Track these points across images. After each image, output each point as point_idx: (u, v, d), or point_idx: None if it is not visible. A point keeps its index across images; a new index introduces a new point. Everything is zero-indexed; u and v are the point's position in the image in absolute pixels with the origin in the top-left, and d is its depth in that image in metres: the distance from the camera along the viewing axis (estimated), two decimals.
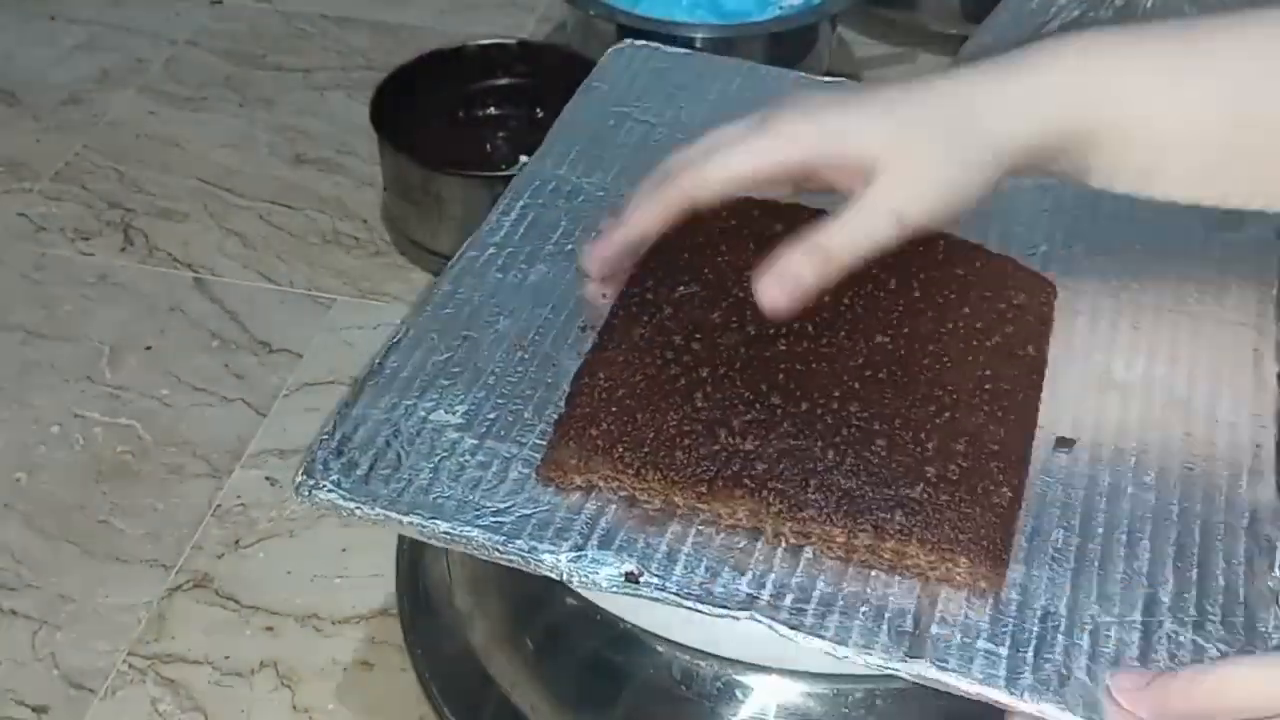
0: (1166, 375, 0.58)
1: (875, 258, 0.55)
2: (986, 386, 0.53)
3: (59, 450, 0.84)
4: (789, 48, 1.03)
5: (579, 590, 0.51)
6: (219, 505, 0.80)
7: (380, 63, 1.16)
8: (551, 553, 0.50)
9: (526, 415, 0.55)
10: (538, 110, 1.04)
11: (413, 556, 0.71)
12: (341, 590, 0.76)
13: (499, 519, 0.51)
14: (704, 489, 0.50)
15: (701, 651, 0.55)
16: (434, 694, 0.65)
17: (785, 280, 0.50)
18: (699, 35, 1.00)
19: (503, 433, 0.54)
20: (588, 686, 0.59)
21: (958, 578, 0.49)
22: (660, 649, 0.56)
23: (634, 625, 0.55)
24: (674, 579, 0.49)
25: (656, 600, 0.49)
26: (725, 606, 0.48)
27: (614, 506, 0.51)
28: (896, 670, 0.47)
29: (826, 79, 0.77)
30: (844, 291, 0.55)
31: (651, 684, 0.56)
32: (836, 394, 0.52)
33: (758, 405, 0.52)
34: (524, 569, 0.50)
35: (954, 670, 0.47)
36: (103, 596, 0.75)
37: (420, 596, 0.69)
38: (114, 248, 1.00)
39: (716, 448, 0.51)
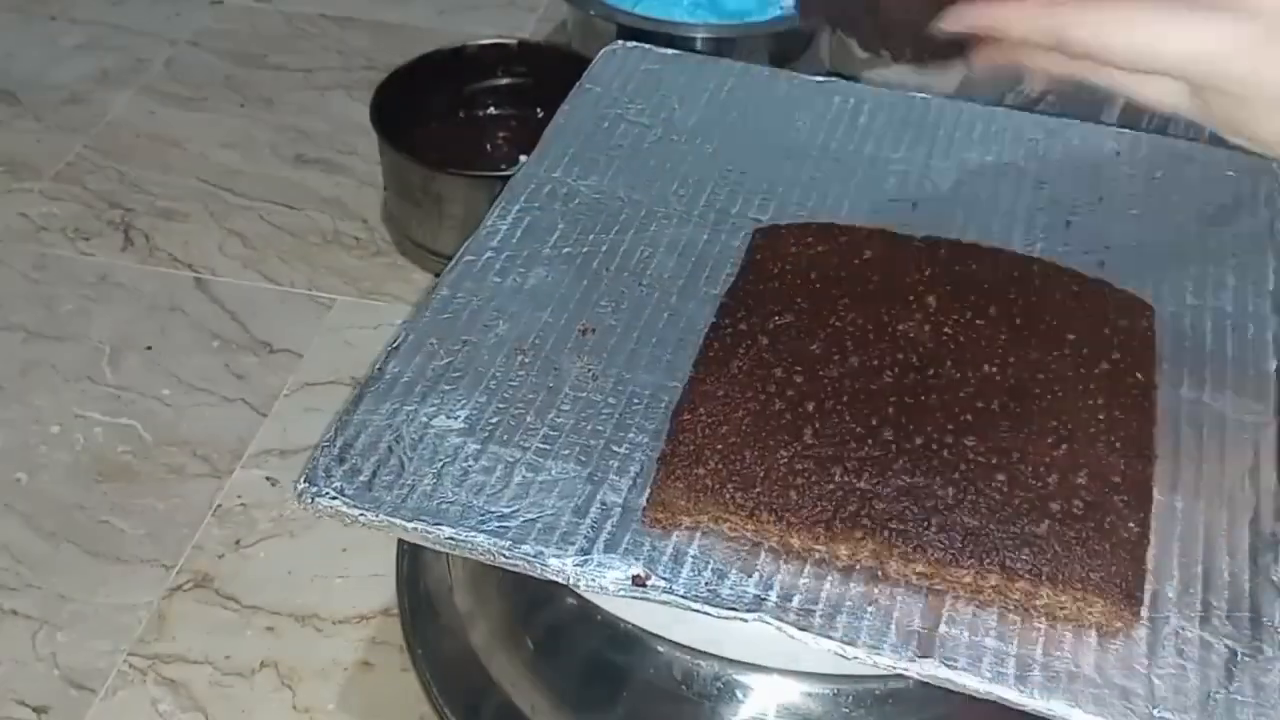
0: (1166, 371, 0.58)
1: (969, 283, 0.56)
2: (1101, 416, 0.52)
3: (59, 450, 0.84)
4: (789, 47, 1.03)
5: (585, 595, 0.51)
6: (219, 505, 0.80)
7: (381, 62, 1.16)
8: (558, 557, 0.50)
9: (529, 419, 0.55)
10: (538, 110, 1.04)
11: (413, 557, 0.71)
12: (342, 590, 0.76)
13: (504, 524, 0.51)
14: (822, 530, 0.49)
15: (703, 652, 0.54)
16: (434, 694, 0.65)
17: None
18: (699, 35, 1.00)
19: (505, 437, 0.54)
20: (588, 686, 0.59)
21: (1090, 619, 0.47)
22: (661, 649, 0.56)
23: (635, 625, 0.55)
24: (681, 581, 0.49)
25: (664, 603, 0.49)
26: (733, 608, 0.48)
27: (619, 510, 0.51)
28: (906, 670, 0.47)
29: (821, 78, 0.77)
30: (944, 320, 0.55)
31: (652, 684, 0.56)
32: (950, 427, 0.51)
33: (870, 441, 0.50)
34: (530, 574, 0.50)
35: (963, 669, 0.47)
36: (103, 596, 0.75)
37: (421, 596, 0.69)
38: (114, 248, 1.00)
39: (831, 486, 0.49)
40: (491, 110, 1.06)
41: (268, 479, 0.82)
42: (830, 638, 0.48)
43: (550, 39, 1.19)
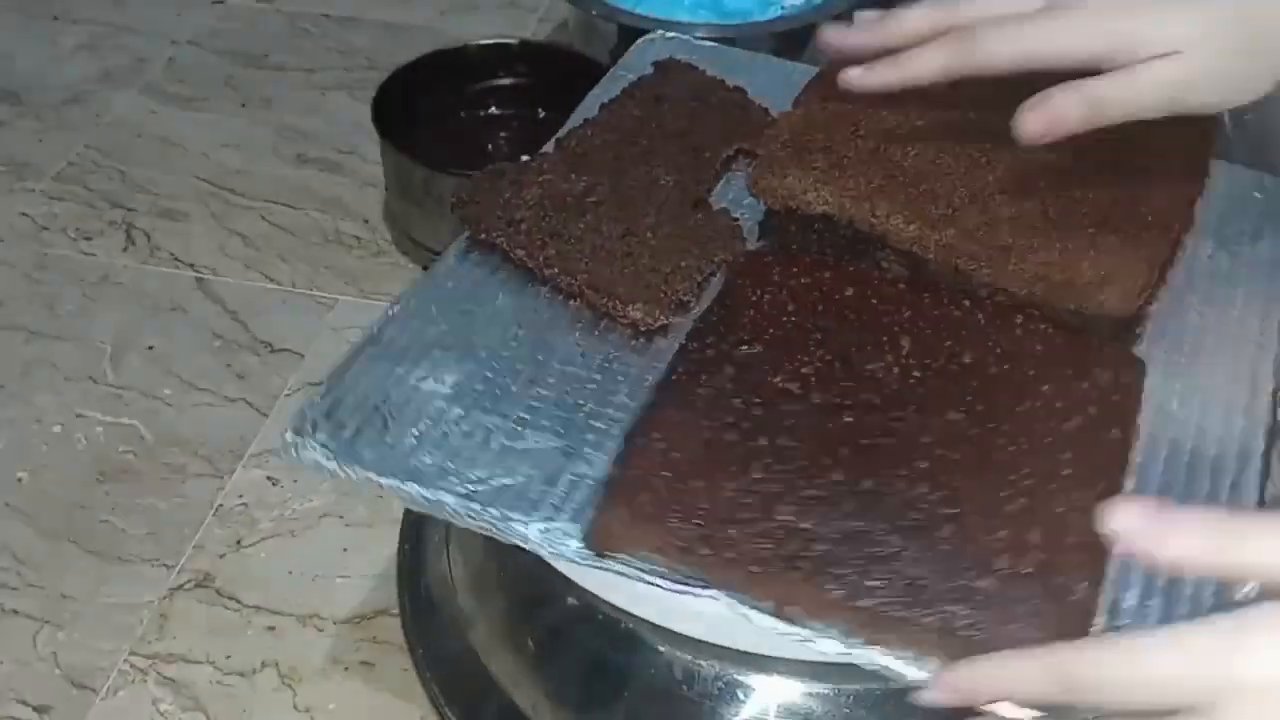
0: (1160, 388, 0.57)
1: (948, 328, 0.54)
2: (1066, 473, 0.49)
3: (61, 450, 0.84)
4: (791, 47, 1.03)
5: (549, 560, 0.51)
6: (220, 505, 0.80)
7: (382, 62, 1.16)
8: (523, 523, 0.50)
9: (514, 389, 0.55)
10: (539, 110, 1.04)
11: (414, 556, 0.71)
12: (343, 590, 0.76)
13: (475, 487, 0.51)
14: (757, 569, 0.47)
15: (705, 645, 0.54)
16: (435, 694, 0.65)
17: (1050, 114, 0.50)
18: (701, 35, 1.00)
19: (489, 405, 0.55)
20: (589, 686, 0.59)
21: None
22: (662, 648, 0.56)
23: (637, 624, 0.55)
24: (639, 558, 0.48)
25: (624, 575, 0.48)
26: (687, 584, 0.48)
27: (589, 482, 0.51)
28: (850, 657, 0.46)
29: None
30: (914, 364, 0.53)
31: (653, 684, 0.56)
32: (903, 473, 0.49)
33: (819, 480, 0.48)
34: (495, 537, 0.51)
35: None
36: (104, 596, 0.75)
37: (421, 596, 0.69)
38: (116, 247, 1.00)
39: (773, 524, 0.47)
40: (493, 110, 1.06)
41: (269, 479, 0.82)
42: (782, 618, 0.47)
43: (552, 39, 1.19)
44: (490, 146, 1.04)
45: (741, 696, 0.55)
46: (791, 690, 0.55)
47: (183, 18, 1.28)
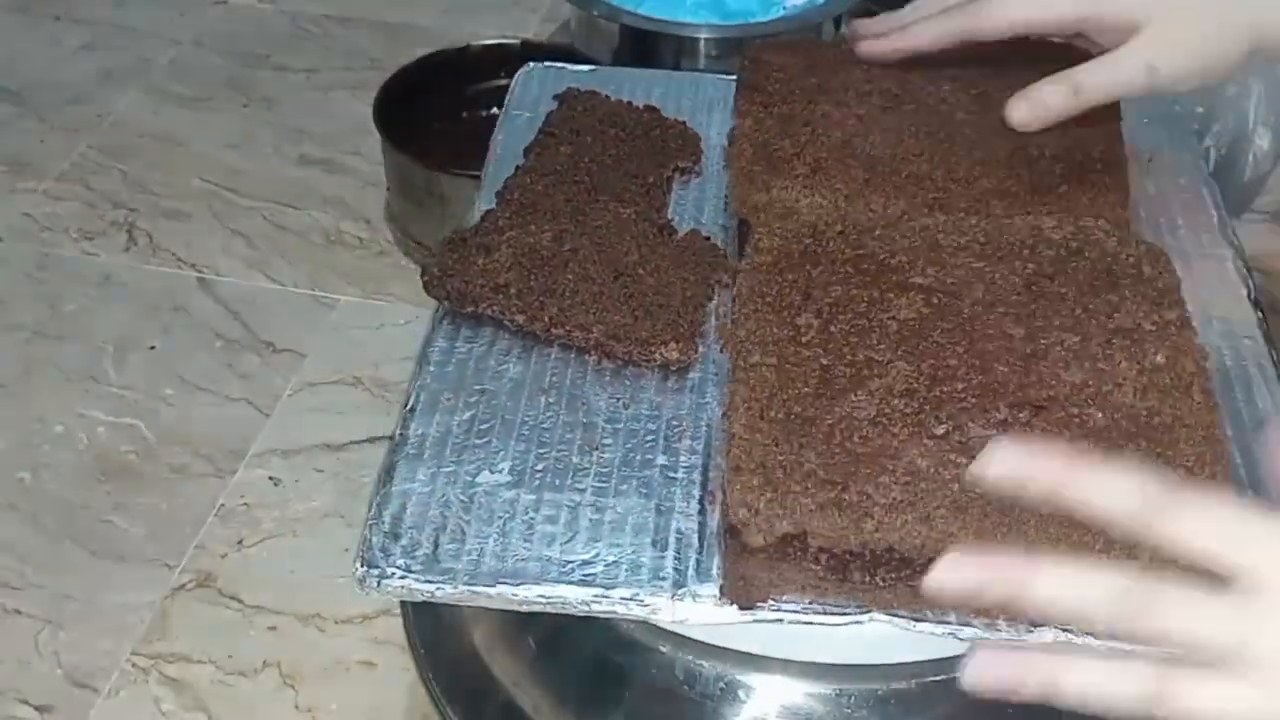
0: None
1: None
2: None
3: (63, 450, 0.84)
4: None
5: (687, 633, 0.50)
6: (222, 505, 0.80)
7: (384, 63, 1.16)
8: (655, 595, 0.47)
9: (575, 460, 0.52)
10: None
11: None
12: (344, 590, 0.75)
13: (588, 571, 0.48)
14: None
15: (706, 645, 0.54)
16: (437, 694, 0.65)
17: (1034, 104, 0.56)
18: (702, 35, 1.00)
19: (557, 482, 0.51)
20: (591, 687, 0.59)
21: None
22: (664, 649, 0.56)
23: (637, 624, 0.55)
24: (786, 600, 0.47)
25: (774, 623, 0.47)
26: (846, 613, 0.47)
27: (696, 537, 0.49)
28: (1024, 642, 0.46)
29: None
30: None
31: (654, 684, 0.56)
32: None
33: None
34: (628, 618, 0.48)
35: (1081, 633, 0.46)
36: (106, 596, 0.75)
37: None
38: (118, 247, 1.00)
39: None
40: (495, 111, 1.05)
41: (270, 479, 0.82)
42: (946, 623, 0.47)
43: (553, 39, 1.19)
44: None
45: (743, 697, 0.55)
46: (793, 691, 0.54)
47: (185, 18, 1.28)
